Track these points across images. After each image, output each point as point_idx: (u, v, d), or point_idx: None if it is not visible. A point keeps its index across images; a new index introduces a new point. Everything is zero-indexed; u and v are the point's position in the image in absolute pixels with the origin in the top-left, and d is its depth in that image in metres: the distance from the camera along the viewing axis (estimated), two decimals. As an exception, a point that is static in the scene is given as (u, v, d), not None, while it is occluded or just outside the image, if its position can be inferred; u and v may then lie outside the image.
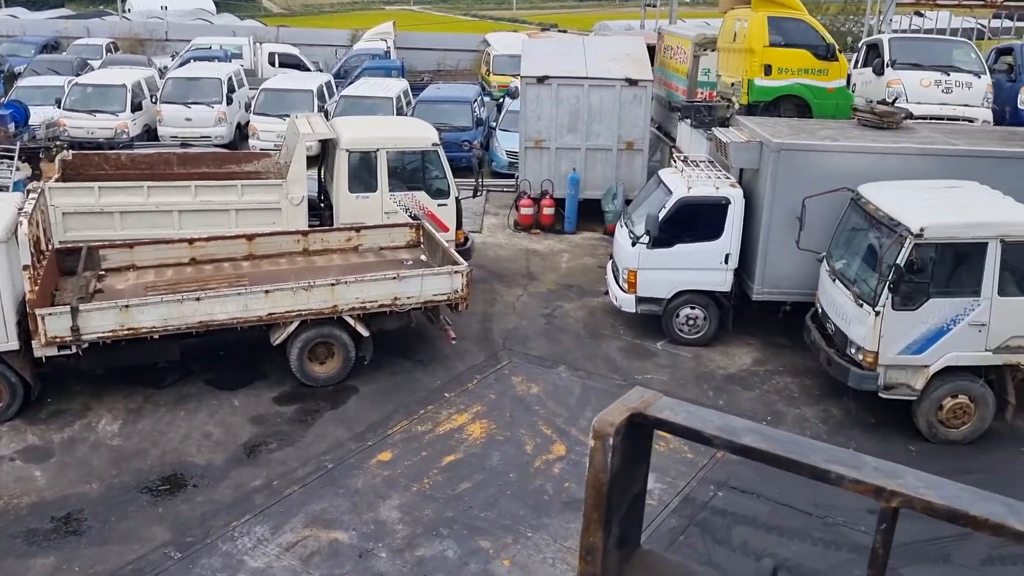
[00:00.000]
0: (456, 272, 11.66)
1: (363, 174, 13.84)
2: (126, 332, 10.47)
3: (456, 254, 12.34)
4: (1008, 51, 17.39)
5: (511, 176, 20.19)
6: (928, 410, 10.72)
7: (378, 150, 13.71)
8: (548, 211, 18.15)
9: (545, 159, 18.19)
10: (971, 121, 15.13)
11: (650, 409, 1.51)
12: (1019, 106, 15.63)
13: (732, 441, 1.42)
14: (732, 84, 15.60)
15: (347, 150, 13.65)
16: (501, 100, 27.14)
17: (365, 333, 11.53)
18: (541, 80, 17.71)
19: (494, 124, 23.92)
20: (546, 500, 9.48)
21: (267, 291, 10.98)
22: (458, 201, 14.23)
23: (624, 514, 1.58)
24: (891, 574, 6.79)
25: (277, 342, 11.30)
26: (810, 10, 16.67)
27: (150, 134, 22.81)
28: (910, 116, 14.14)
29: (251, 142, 22.19)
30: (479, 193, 15.61)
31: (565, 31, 40.61)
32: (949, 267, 10.46)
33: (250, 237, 12.73)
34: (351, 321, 11.40)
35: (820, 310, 11.92)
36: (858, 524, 9.01)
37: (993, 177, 11.51)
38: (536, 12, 73.64)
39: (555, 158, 18.14)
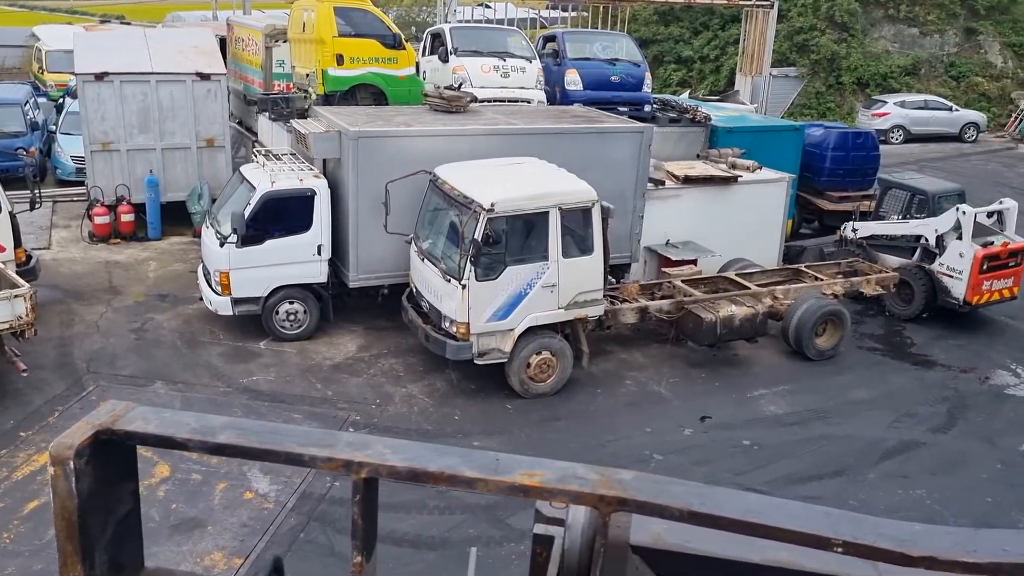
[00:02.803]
0: (16, 296, 10.31)
1: None
2: None
3: (16, 276, 10.93)
4: (553, 38, 19.28)
5: (80, 183, 18.36)
6: (518, 369, 11.64)
7: (-103, 165, 11.67)
8: (127, 218, 16.79)
9: (117, 162, 16.77)
10: (528, 102, 16.59)
11: (119, 423, 1.37)
12: (566, 87, 17.43)
13: (207, 441, 1.33)
14: (307, 75, 15.55)
15: None
16: (60, 100, 24.55)
17: (-94, 380, 9.81)
18: (100, 77, 16.24)
19: (54, 127, 21.57)
20: (152, 527, 8.78)
21: None
22: (12, 216, 12.58)
23: (111, 539, 1.41)
24: (499, 525, 7.14)
25: None
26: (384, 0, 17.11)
27: None
28: (475, 99, 15.15)
29: None
30: (39, 205, 13.90)
31: (130, 23, 37.76)
32: (520, 237, 11.41)
33: None
34: None
35: (414, 289, 12.39)
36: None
37: (549, 152, 12.73)
38: (96, 3, 67.46)
39: (128, 161, 16.79)
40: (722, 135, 17.04)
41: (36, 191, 13.65)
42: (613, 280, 13.42)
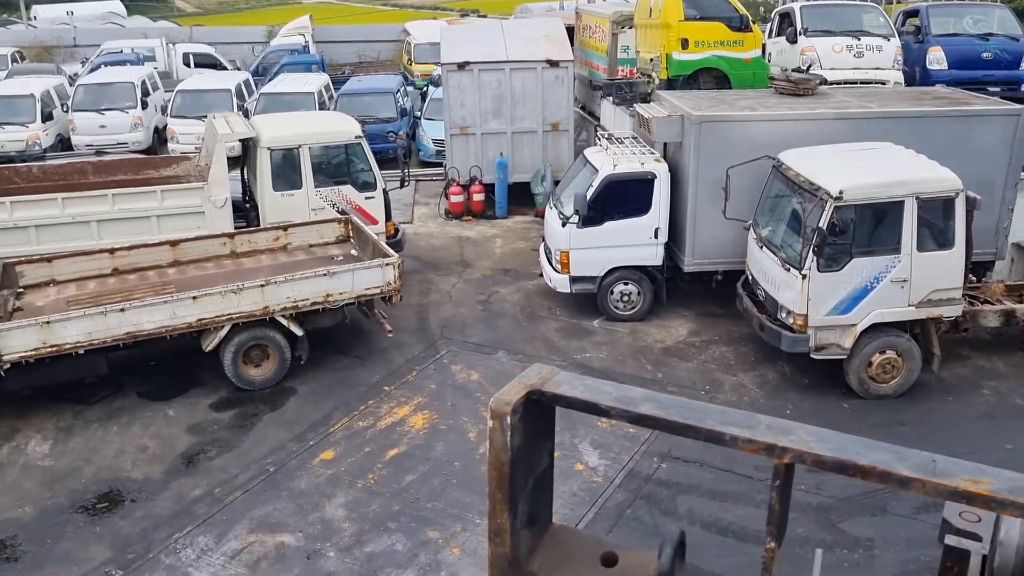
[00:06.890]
0: (387, 264, 11.56)
1: (287, 171, 13.61)
2: (49, 349, 10.14)
3: (386, 246, 12.23)
4: (915, 13, 17.79)
5: (439, 164, 20.10)
6: (858, 367, 10.98)
7: (300, 146, 13.49)
8: (478, 197, 18.12)
9: (472, 145, 18.14)
10: (883, 83, 15.48)
11: (547, 385, 1.50)
12: (928, 66, 16.03)
13: (629, 411, 1.42)
14: (651, 60, 15.71)
15: (268, 148, 13.40)
16: (424, 89, 26.98)
17: (299, 332, 11.37)
18: (462, 67, 17.62)
19: (419, 113, 23.76)
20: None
21: (195, 297, 10.73)
22: (385, 193, 14.10)
23: (531, 492, 1.56)
24: (831, 529, 6.88)
25: (209, 348, 11.08)
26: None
27: (64, 144, 22.07)
28: (824, 82, 14.41)
29: (170, 146, 21.66)
30: (406, 183, 15.47)
31: (485, 16, 40.48)
32: (869, 227, 10.71)
33: (174, 243, 12.44)
34: (284, 321, 11.22)
35: (750, 277, 12.12)
36: (798, 484, 9.18)
37: (906, 136, 11.79)
38: (456, -2, 73.03)
39: (482, 144, 18.10)
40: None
41: (405, 171, 15.16)
42: (973, 278, 12.17)
